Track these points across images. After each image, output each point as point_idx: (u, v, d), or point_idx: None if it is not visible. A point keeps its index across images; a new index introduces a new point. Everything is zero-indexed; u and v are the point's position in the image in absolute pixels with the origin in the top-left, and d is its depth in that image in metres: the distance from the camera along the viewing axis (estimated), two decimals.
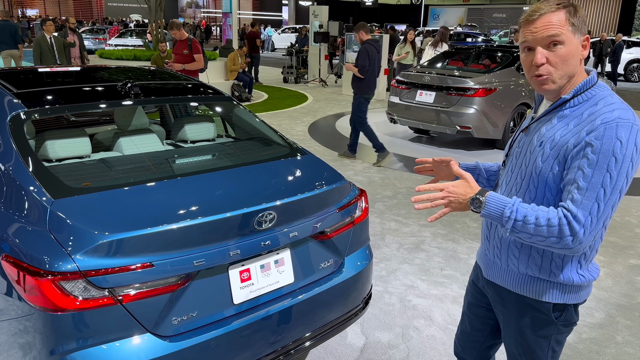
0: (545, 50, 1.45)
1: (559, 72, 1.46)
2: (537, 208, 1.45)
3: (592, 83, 1.50)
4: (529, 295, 1.62)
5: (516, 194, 1.58)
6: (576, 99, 1.49)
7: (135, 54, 12.71)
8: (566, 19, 1.44)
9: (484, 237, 1.75)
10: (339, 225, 2.39)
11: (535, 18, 1.46)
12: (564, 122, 1.49)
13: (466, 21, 34.62)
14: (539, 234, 1.42)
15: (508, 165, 1.67)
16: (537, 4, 1.48)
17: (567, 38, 1.44)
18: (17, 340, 1.79)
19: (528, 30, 1.47)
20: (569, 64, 1.46)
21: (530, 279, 1.60)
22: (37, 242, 1.76)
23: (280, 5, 45.75)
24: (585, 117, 1.45)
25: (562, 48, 1.44)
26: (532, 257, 1.58)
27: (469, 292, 1.94)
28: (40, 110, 2.34)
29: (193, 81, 3.18)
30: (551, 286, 1.58)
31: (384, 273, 3.80)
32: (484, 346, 1.94)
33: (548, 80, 1.48)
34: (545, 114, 1.55)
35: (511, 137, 1.72)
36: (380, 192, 5.67)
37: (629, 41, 18.73)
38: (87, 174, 2.29)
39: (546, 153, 1.49)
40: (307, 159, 2.65)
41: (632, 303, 3.49)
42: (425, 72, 7.74)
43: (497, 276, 1.70)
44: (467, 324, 1.94)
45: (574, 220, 1.39)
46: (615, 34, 19.46)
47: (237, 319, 2.02)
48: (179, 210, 1.96)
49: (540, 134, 1.54)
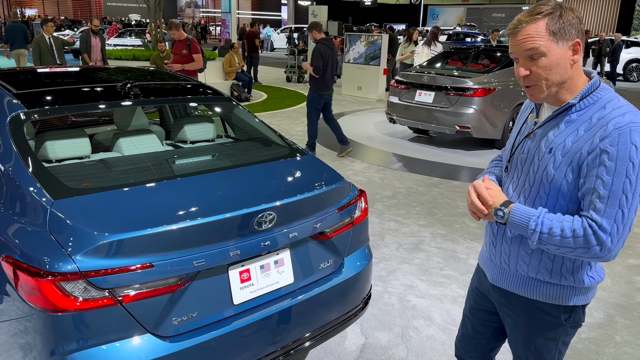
0: (528, 62, 1.45)
1: (545, 82, 1.46)
2: (563, 219, 1.44)
3: (597, 86, 1.49)
4: (539, 299, 1.62)
5: (525, 201, 1.57)
6: (582, 103, 1.47)
7: (135, 54, 12.70)
8: (546, 28, 1.41)
9: (489, 243, 1.72)
10: (339, 225, 2.40)
11: (517, 30, 1.45)
12: (572, 127, 1.47)
13: (465, 21, 34.61)
14: (566, 245, 1.43)
15: (512, 172, 1.64)
16: (520, 15, 1.46)
17: (548, 48, 1.42)
18: (18, 340, 1.79)
19: (512, 43, 1.47)
20: (555, 73, 1.44)
21: (540, 283, 1.60)
22: (37, 243, 1.76)
23: (279, 5, 45.73)
24: (595, 121, 1.43)
25: (544, 59, 1.43)
26: (543, 262, 1.57)
27: (471, 296, 1.93)
28: (40, 110, 2.34)
29: (192, 81, 3.18)
30: (561, 289, 1.59)
31: (383, 273, 3.81)
32: (486, 349, 1.94)
33: (535, 90, 1.48)
34: (551, 118, 1.53)
35: (510, 142, 1.70)
36: (380, 192, 5.67)
37: (627, 41, 18.75)
38: (87, 174, 2.29)
39: (558, 160, 1.47)
40: (307, 159, 2.66)
41: (631, 303, 3.50)
42: (425, 72, 7.74)
43: (504, 281, 1.69)
44: (469, 327, 1.94)
45: (599, 229, 1.39)
46: (614, 34, 19.48)
47: (237, 319, 2.02)
48: (179, 211, 1.96)
49: (549, 140, 1.51)
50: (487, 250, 1.76)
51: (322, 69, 6.55)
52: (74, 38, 21.48)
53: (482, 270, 1.84)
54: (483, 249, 1.83)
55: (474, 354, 1.96)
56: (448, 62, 8.39)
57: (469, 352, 1.97)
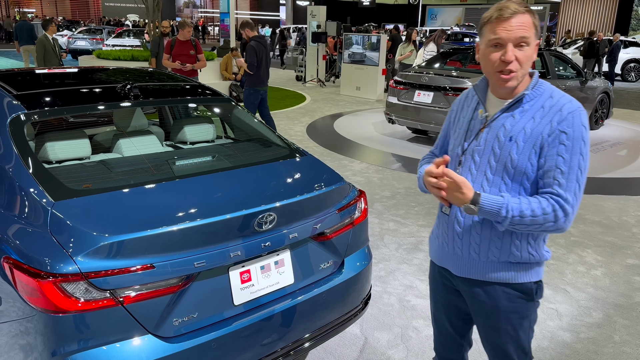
0: (515, 48, 1.55)
1: (522, 70, 1.58)
2: (527, 201, 1.57)
3: (538, 79, 1.65)
4: (512, 281, 1.71)
5: (489, 189, 1.65)
6: (532, 93, 1.62)
7: (133, 55, 12.69)
8: (532, 22, 1.56)
9: (455, 237, 1.74)
10: (339, 226, 2.40)
11: (508, 16, 1.54)
12: (527, 115, 1.61)
13: (464, 21, 34.65)
14: (535, 223, 1.55)
15: (467, 164, 1.70)
16: (502, 3, 1.57)
17: (532, 40, 1.57)
18: (19, 341, 1.80)
19: (502, 28, 1.54)
20: (528, 64, 1.58)
21: (512, 265, 1.70)
22: (39, 244, 1.76)
23: (277, 5, 45.74)
24: (547, 109, 1.59)
25: (528, 49, 1.56)
26: (514, 243, 1.67)
27: (437, 295, 1.95)
28: (40, 112, 2.34)
29: (192, 82, 3.19)
30: (529, 267, 1.71)
31: (382, 273, 3.81)
32: (465, 340, 1.99)
33: (513, 77, 1.57)
34: (506, 109, 1.64)
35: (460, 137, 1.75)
36: (379, 192, 5.68)
37: (625, 41, 18.78)
38: (87, 175, 2.30)
39: (520, 146, 1.59)
40: (307, 160, 2.66)
41: (630, 303, 3.51)
42: (423, 73, 7.75)
43: (475, 272, 1.74)
44: (447, 323, 1.95)
45: (565, 203, 1.55)
46: (613, 34, 19.50)
47: (238, 320, 2.03)
48: (179, 212, 1.97)
49: (507, 129, 1.62)
50: (449, 245, 1.78)
51: (255, 66, 6.82)
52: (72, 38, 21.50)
53: (443, 266, 1.86)
54: (438, 245, 1.85)
55: (457, 345, 1.99)
56: (447, 63, 8.40)
57: (451, 346, 1.99)
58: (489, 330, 1.79)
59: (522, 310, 1.73)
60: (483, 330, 1.82)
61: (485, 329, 1.81)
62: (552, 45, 22.75)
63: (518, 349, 1.79)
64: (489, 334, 1.80)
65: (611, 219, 5.08)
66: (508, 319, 1.73)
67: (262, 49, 6.88)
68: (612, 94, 9.55)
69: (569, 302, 3.50)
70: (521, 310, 1.73)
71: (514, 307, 1.72)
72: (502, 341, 1.77)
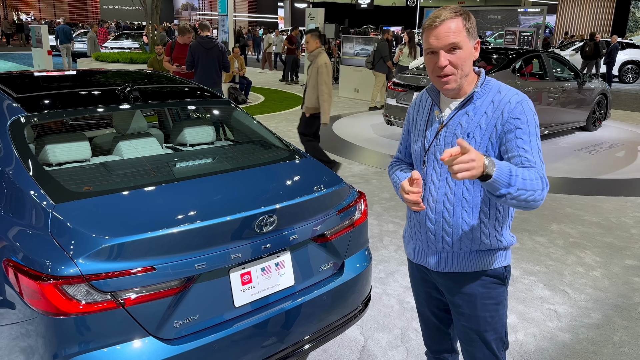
0: (447, 54, 1.63)
1: (460, 71, 1.65)
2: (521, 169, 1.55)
3: (485, 77, 1.74)
4: (485, 268, 1.78)
5: (454, 185, 1.71)
6: (481, 91, 1.71)
7: (132, 57, 12.70)
8: (463, 25, 1.63)
9: (428, 233, 1.80)
10: (339, 227, 2.41)
11: (438, 24, 1.62)
12: (480, 112, 1.69)
13: None
14: (532, 188, 1.53)
15: (431, 163, 1.77)
16: (437, 11, 1.66)
17: (464, 43, 1.63)
18: (20, 344, 1.80)
19: (433, 36, 1.63)
20: (467, 65, 1.66)
21: (482, 253, 1.77)
22: (40, 247, 1.77)
23: (275, 7, 45.79)
24: (497, 103, 1.67)
25: (461, 52, 1.63)
26: (483, 232, 1.74)
27: (419, 291, 2.03)
28: (40, 114, 2.35)
29: (191, 84, 3.19)
30: (497, 252, 1.79)
31: (382, 275, 3.82)
32: (452, 329, 2.02)
33: (451, 80, 1.66)
34: (459, 108, 1.72)
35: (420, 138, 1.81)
36: (378, 194, 5.68)
37: (623, 43, 18.83)
38: (87, 178, 2.30)
39: (477, 141, 1.67)
40: (306, 161, 2.67)
41: (629, 303, 3.52)
42: (422, 75, 7.76)
43: (451, 265, 1.80)
44: (431, 316, 2.02)
45: (540, 170, 1.60)
46: (610, 36, 19.56)
47: (238, 321, 2.03)
48: (179, 214, 1.97)
49: (463, 127, 1.70)
50: (422, 242, 1.84)
51: (190, 65, 6.80)
52: None
53: (420, 264, 1.91)
54: (413, 244, 1.90)
55: (446, 337, 2.04)
56: None
57: (441, 340, 2.05)
58: (468, 319, 1.84)
59: (496, 295, 1.81)
60: (462, 322, 1.87)
61: (463, 320, 1.85)
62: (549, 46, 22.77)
63: (497, 339, 1.85)
64: (468, 323, 1.84)
65: (610, 220, 5.09)
66: (485, 305, 1.81)
67: (202, 50, 6.75)
68: (610, 96, 9.57)
69: (568, 303, 3.50)
70: (495, 295, 1.81)
71: (489, 294, 1.80)
72: (481, 329, 1.82)
